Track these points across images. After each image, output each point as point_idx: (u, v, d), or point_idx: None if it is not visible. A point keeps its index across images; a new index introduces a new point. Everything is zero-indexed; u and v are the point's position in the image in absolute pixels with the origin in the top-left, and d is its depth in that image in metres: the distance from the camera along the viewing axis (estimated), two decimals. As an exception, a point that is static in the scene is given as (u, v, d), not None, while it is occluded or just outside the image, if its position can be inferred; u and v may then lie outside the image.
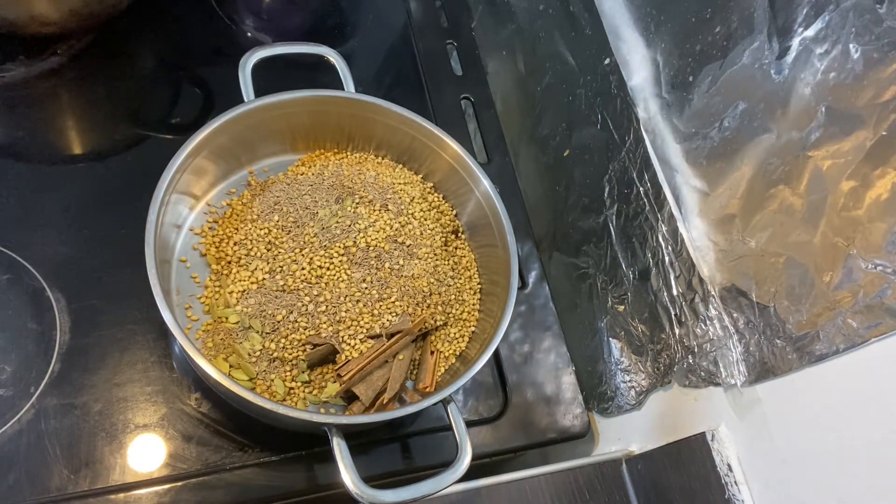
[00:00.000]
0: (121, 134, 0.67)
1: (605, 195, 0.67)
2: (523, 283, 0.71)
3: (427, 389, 0.56)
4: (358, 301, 0.56)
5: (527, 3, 0.79)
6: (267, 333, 0.54)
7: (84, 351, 0.56)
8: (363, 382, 0.54)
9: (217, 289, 0.56)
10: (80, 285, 0.58)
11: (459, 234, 0.65)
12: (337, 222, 0.59)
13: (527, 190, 0.78)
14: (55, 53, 0.66)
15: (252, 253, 0.57)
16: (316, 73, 0.65)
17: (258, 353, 0.54)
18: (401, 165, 0.66)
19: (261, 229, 0.57)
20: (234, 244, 0.57)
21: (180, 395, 0.57)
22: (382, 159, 0.66)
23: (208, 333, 0.54)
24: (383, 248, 0.59)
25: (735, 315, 0.54)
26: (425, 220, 0.63)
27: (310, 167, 0.63)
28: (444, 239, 0.63)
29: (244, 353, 0.53)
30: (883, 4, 0.42)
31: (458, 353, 0.60)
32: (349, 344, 0.54)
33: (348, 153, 0.65)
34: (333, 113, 0.62)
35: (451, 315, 0.60)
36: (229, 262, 0.57)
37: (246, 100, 0.58)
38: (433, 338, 0.59)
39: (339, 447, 0.48)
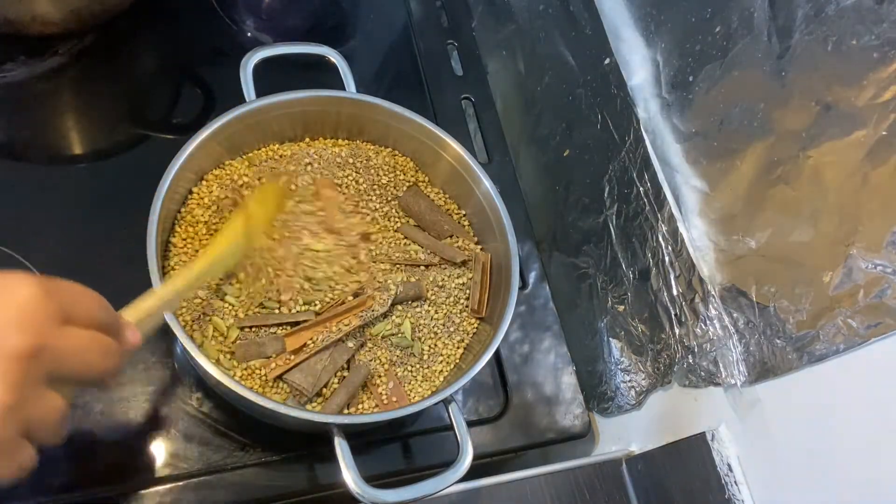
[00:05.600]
0: (121, 134, 0.67)
1: (605, 195, 0.67)
2: (523, 283, 0.71)
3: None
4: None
5: (527, 3, 0.79)
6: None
7: (85, 351, 0.56)
8: (299, 371, 0.53)
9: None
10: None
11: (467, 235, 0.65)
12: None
13: (527, 190, 0.78)
14: (56, 53, 0.66)
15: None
16: (317, 73, 0.65)
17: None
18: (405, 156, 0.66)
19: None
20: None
21: (181, 394, 0.57)
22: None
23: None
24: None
25: (735, 315, 0.54)
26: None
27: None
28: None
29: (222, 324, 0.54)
30: (883, 4, 0.42)
31: (458, 356, 0.59)
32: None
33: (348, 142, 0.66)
34: (334, 113, 0.62)
35: (451, 318, 0.60)
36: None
37: (247, 99, 0.58)
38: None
39: (340, 447, 0.48)
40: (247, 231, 0.53)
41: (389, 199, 0.63)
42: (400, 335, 0.57)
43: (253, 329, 0.54)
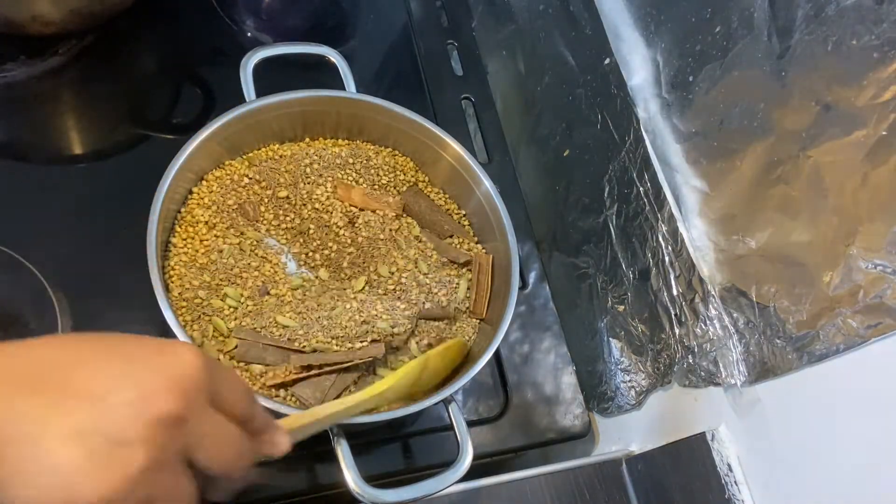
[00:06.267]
0: (121, 134, 0.67)
1: (605, 195, 0.67)
2: (523, 283, 0.71)
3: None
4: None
5: (527, 3, 0.79)
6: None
7: (85, 351, 0.56)
8: (307, 385, 0.52)
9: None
10: (81, 285, 0.58)
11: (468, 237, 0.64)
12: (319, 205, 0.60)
13: (527, 190, 0.78)
14: (56, 53, 0.66)
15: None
16: (317, 73, 0.65)
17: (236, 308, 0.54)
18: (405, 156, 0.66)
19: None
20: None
21: (181, 394, 0.57)
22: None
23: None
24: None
25: (735, 315, 0.54)
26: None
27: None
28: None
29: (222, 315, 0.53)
30: (883, 4, 0.42)
31: (461, 356, 0.59)
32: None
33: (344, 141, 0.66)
34: (334, 113, 0.62)
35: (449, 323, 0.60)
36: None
37: (247, 99, 0.58)
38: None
39: (340, 447, 0.48)
40: (419, 379, 0.53)
41: None
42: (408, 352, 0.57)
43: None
